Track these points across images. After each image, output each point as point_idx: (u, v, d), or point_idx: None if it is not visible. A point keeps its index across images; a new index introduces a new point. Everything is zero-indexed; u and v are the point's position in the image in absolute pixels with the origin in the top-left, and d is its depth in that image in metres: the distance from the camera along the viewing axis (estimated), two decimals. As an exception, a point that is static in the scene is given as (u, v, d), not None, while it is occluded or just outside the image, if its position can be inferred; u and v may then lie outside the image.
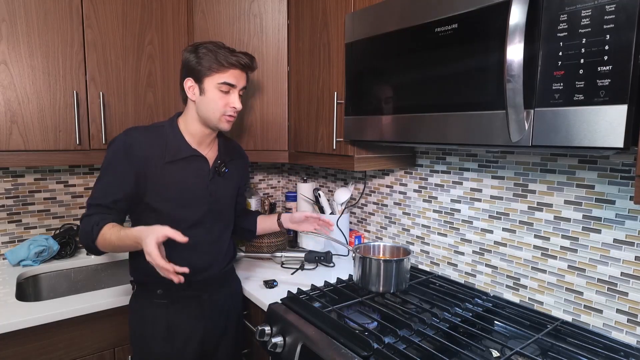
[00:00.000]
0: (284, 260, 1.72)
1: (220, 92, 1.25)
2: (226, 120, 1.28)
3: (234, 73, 1.25)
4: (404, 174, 1.67)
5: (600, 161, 1.10)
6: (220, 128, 1.29)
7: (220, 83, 1.24)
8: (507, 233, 1.32)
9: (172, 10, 1.72)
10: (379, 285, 1.29)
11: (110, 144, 1.23)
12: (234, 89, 1.27)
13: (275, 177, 2.45)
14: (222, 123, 1.28)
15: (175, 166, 1.26)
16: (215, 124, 1.28)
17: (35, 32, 1.45)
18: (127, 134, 1.24)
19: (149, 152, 1.22)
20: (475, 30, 0.94)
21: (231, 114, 1.28)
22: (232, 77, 1.25)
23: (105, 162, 1.22)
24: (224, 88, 1.24)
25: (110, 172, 1.21)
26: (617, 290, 1.09)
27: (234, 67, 1.25)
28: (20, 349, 1.27)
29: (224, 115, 1.27)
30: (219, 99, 1.25)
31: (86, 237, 1.17)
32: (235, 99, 1.27)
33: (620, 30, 0.72)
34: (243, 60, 1.26)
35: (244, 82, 1.30)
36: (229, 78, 1.24)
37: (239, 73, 1.27)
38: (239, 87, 1.28)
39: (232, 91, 1.26)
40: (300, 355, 1.10)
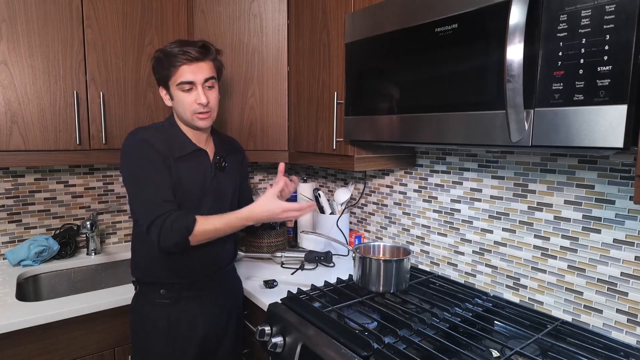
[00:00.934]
0: (284, 260, 1.72)
1: (183, 92, 1.21)
2: (198, 117, 1.24)
3: (185, 69, 1.19)
4: (404, 174, 1.67)
5: (600, 161, 1.10)
6: (199, 127, 1.26)
7: (178, 84, 1.21)
8: (507, 233, 1.32)
9: (172, 10, 1.72)
10: (379, 285, 1.29)
11: (128, 147, 1.20)
12: (194, 85, 1.21)
13: (275, 177, 2.45)
14: (196, 121, 1.24)
15: (183, 162, 1.26)
16: (192, 124, 1.26)
17: (35, 32, 1.45)
18: (138, 134, 1.23)
19: (161, 149, 1.21)
20: (475, 30, 0.94)
21: (201, 110, 1.22)
22: (185, 74, 1.19)
23: (137, 162, 1.18)
24: (184, 87, 1.21)
25: (153, 169, 1.18)
26: (617, 290, 1.09)
27: (182, 63, 1.19)
28: (20, 349, 1.27)
29: (195, 113, 1.23)
30: (184, 98, 1.22)
31: (181, 230, 1.14)
32: (199, 94, 1.21)
33: (620, 30, 0.72)
34: (191, 54, 1.18)
35: (205, 74, 1.22)
36: (182, 76, 1.19)
37: (192, 67, 1.20)
38: (199, 80, 1.21)
39: (193, 88, 1.21)
40: (300, 355, 1.10)
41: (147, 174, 1.18)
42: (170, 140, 1.25)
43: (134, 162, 1.19)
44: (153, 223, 1.15)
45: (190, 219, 1.15)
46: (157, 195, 1.17)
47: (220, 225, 1.18)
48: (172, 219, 1.14)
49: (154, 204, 1.16)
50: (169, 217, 1.14)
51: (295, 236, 2.06)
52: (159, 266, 1.27)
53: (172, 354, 1.29)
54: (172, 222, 1.14)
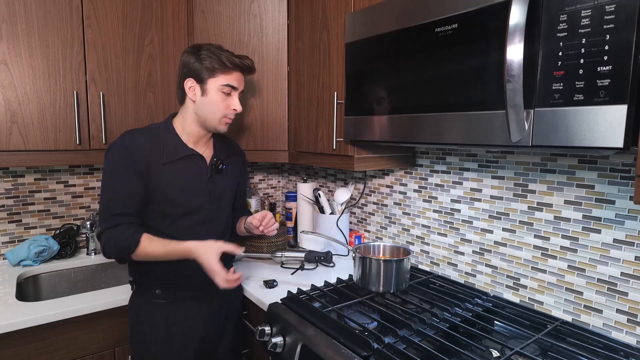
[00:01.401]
0: (284, 260, 1.72)
1: (222, 94, 1.26)
2: (225, 122, 1.30)
3: (236, 75, 1.27)
4: (404, 174, 1.67)
5: (600, 161, 1.10)
6: (218, 130, 1.30)
7: (223, 85, 1.25)
8: (507, 233, 1.32)
9: (172, 10, 1.72)
10: (379, 285, 1.29)
11: (110, 150, 1.22)
12: (235, 91, 1.28)
13: (275, 177, 2.45)
14: (220, 125, 1.29)
15: (174, 166, 1.26)
16: (215, 126, 1.28)
17: (35, 32, 1.45)
18: (124, 138, 1.24)
19: (148, 154, 1.22)
20: (475, 30, 0.94)
21: (231, 116, 1.30)
22: (234, 80, 1.27)
23: (110, 168, 1.21)
24: (226, 90, 1.25)
25: (119, 179, 1.20)
26: (617, 290, 1.09)
27: (238, 69, 1.27)
28: (20, 349, 1.27)
29: (224, 117, 1.28)
30: (221, 100, 1.26)
31: (122, 250, 1.18)
32: (236, 101, 1.29)
33: (620, 30, 0.72)
34: (245, 63, 1.28)
35: (243, 85, 1.32)
36: (232, 80, 1.26)
37: (240, 76, 1.29)
38: (240, 89, 1.30)
39: (233, 93, 1.28)
40: (300, 355, 1.10)
41: (111, 184, 1.21)
42: (161, 145, 1.25)
43: (106, 169, 1.22)
44: (102, 234, 1.20)
45: (134, 241, 1.18)
46: (113, 207, 1.19)
47: (161, 252, 1.20)
48: (117, 235, 1.18)
49: (107, 215, 1.19)
50: (115, 232, 1.18)
51: (295, 236, 2.06)
52: (154, 266, 1.27)
53: (170, 354, 1.29)
54: (116, 238, 1.18)
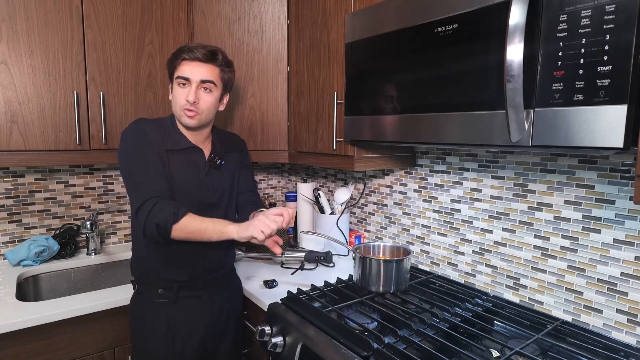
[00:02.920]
0: (284, 260, 1.72)
1: (179, 87, 1.26)
2: (185, 114, 1.25)
3: (186, 66, 1.25)
4: (404, 174, 1.67)
5: (600, 161, 1.10)
6: (184, 123, 1.28)
7: (176, 78, 1.26)
8: (507, 233, 1.32)
9: (172, 10, 1.72)
10: (379, 285, 1.29)
11: (125, 135, 1.25)
12: (189, 82, 1.25)
13: (275, 177, 2.45)
14: (182, 117, 1.26)
15: (175, 156, 1.28)
16: (180, 119, 1.29)
17: (35, 32, 1.45)
18: (136, 123, 1.27)
19: (156, 138, 1.25)
20: (475, 30, 0.94)
21: (187, 107, 1.24)
22: (184, 70, 1.24)
23: (131, 151, 1.23)
24: (180, 81, 1.26)
25: (144, 157, 1.22)
26: (617, 290, 1.09)
27: (184, 60, 1.25)
28: (20, 349, 1.27)
29: (183, 109, 1.25)
30: (178, 94, 1.26)
31: (166, 217, 1.15)
32: (189, 92, 1.24)
33: (620, 30, 0.72)
34: (195, 54, 1.24)
35: (202, 75, 1.25)
36: (182, 72, 1.25)
37: (192, 66, 1.24)
38: (195, 79, 1.24)
39: (188, 84, 1.25)
40: (300, 355, 1.10)
41: (142, 160, 1.21)
42: (167, 135, 1.28)
43: (132, 148, 1.23)
44: (145, 203, 1.16)
45: (182, 210, 1.17)
46: (152, 181, 1.20)
47: (206, 227, 1.18)
48: (165, 202, 1.17)
49: (148, 187, 1.19)
50: (162, 200, 1.18)
51: (295, 236, 2.06)
52: (157, 265, 1.28)
53: (171, 354, 1.29)
54: (163, 205, 1.16)
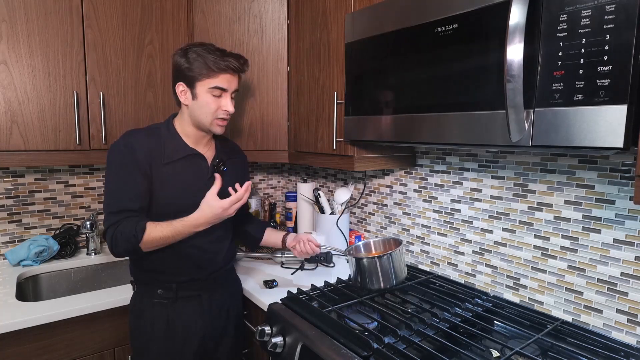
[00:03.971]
0: (284, 260, 1.72)
1: (212, 96, 1.25)
2: (218, 124, 1.28)
3: (225, 77, 1.25)
4: (404, 174, 1.67)
5: (600, 161, 1.10)
6: (212, 131, 1.30)
7: (211, 87, 1.24)
8: (507, 233, 1.32)
9: (172, 10, 1.72)
10: (380, 282, 1.28)
11: (112, 150, 1.23)
12: (225, 93, 1.26)
13: (275, 177, 2.45)
14: (214, 127, 1.28)
15: (174, 167, 1.26)
16: (208, 127, 1.28)
17: (35, 32, 1.45)
18: (126, 138, 1.24)
19: (149, 154, 1.23)
20: (475, 30, 0.94)
21: (223, 117, 1.28)
22: (223, 81, 1.25)
23: (113, 168, 1.22)
24: (215, 92, 1.25)
25: (122, 177, 1.21)
26: (617, 290, 1.09)
27: (225, 71, 1.24)
28: (20, 349, 1.27)
29: (216, 119, 1.27)
30: (212, 102, 1.25)
31: (129, 239, 1.17)
32: (227, 102, 1.27)
33: (620, 30, 0.72)
34: (233, 64, 1.25)
35: (235, 85, 1.29)
36: (220, 82, 1.24)
37: (230, 77, 1.26)
38: (231, 90, 1.28)
39: (223, 95, 1.26)
40: (300, 355, 1.10)
41: (115, 182, 1.21)
42: (162, 145, 1.26)
43: (109, 169, 1.23)
44: (107, 230, 1.20)
45: (139, 227, 1.17)
46: (117, 204, 1.20)
47: (169, 233, 1.20)
48: (122, 227, 1.17)
49: (112, 212, 1.20)
50: (120, 224, 1.18)
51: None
52: (155, 266, 1.28)
53: (171, 354, 1.29)
54: (121, 231, 1.17)
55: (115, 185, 1.21)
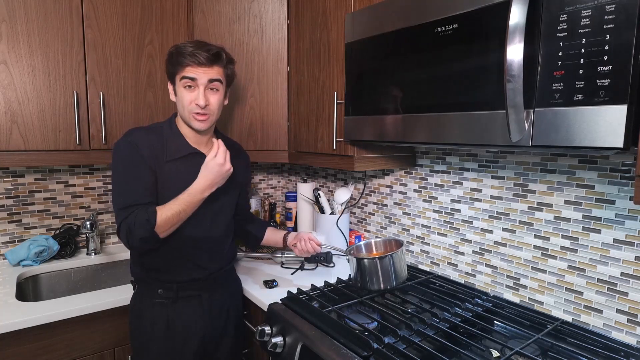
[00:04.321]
0: (284, 260, 1.72)
1: (184, 89, 1.22)
2: (195, 118, 1.23)
3: (191, 68, 1.20)
4: (404, 174, 1.67)
5: (600, 161, 1.10)
6: (194, 127, 1.26)
7: (182, 79, 1.22)
8: (507, 233, 1.32)
9: (172, 10, 1.72)
10: (380, 283, 1.28)
11: (117, 148, 1.23)
12: (195, 83, 1.21)
13: (275, 177, 2.45)
14: (192, 121, 1.24)
15: (176, 165, 1.26)
16: (189, 122, 1.26)
17: (35, 32, 1.45)
18: (128, 135, 1.25)
19: (152, 151, 1.23)
20: (475, 30, 0.94)
21: (197, 111, 1.22)
22: (191, 72, 1.20)
23: (119, 165, 1.22)
24: (186, 83, 1.22)
25: (130, 173, 1.21)
26: (617, 290, 1.09)
27: (190, 60, 1.20)
28: (20, 349, 1.27)
29: (192, 113, 1.23)
30: (184, 96, 1.22)
31: (143, 226, 1.15)
32: (198, 94, 1.21)
33: (620, 30, 0.72)
34: (199, 58, 1.19)
35: (209, 76, 1.22)
36: (188, 72, 1.20)
37: (197, 67, 1.21)
38: (202, 81, 1.21)
39: (195, 86, 1.22)
40: (300, 355, 1.10)
41: (123, 178, 1.21)
42: (164, 143, 1.26)
43: (116, 165, 1.22)
44: (120, 225, 1.19)
45: (150, 211, 1.17)
46: (128, 199, 1.19)
47: (179, 207, 1.19)
48: (133, 217, 1.17)
49: (123, 208, 1.19)
50: (132, 214, 1.17)
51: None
52: (156, 266, 1.28)
53: (171, 354, 1.29)
54: (134, 219, 1.16)
55: (123, 182, 1.21)
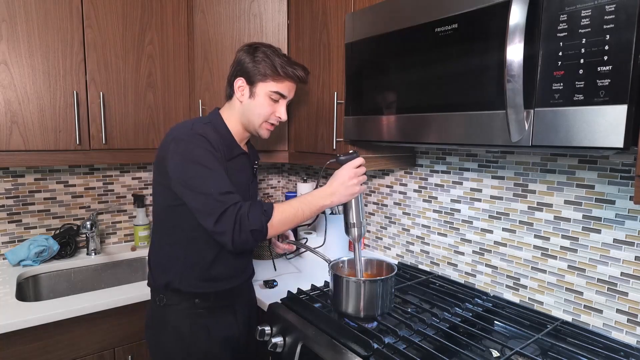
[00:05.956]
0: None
1: (270, 100, 1.21)
2: (266, 128, 1.24)
3: (288, 84, 1.23)
4: (404, 174, 1.67)
5: (600, 161, 1.10)
6: (258, 134, 1.25)
7: (272, 91, 1.20)
8: (507, 233, 1.32)
9: (172, 10, 1.72)
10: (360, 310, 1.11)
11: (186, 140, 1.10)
12: (283, 99, 1.24)
13: (275, 177, 2.45)
14: (262, 130, 1.24)
15: (233, 164, 1.20)
16: (256, 130, 1.24)
17: (35, 32, 1.45)
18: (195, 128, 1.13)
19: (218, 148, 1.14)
20: (475, 30, 0.94)
21: (274, 122, 1.25)
22: (285, 88, 1.22)
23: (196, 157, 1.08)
24: (274, 96, 1.21)
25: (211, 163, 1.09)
26: (617, 290, 1.09)
27: (290, 78, 1.22)
28: (20, 349, 1.27)
29: (267, 122, 1.23)
30: (268, 106, 1.21)
31: (259, 219, 1.04)
32: (282, 109, 1.24)
33: (620, 30, 0.72)
34: (299, 73, 1.23)
35: (293, 94, 1.27)
36: (282, 88, 1.21)
37: (292, 84, 1.24)
38: (289, 98, 1.26)
39: (281, 101, 1.23)
40: (300, 355, 1.10)
41: (210, 166, 1.08)
42: (222, 140, 1.19)
43: (195, 152, 1.09)
44: (224, 213, 1.03)
45: (268, 204, 1.08)
46: (223, 186, 1.07)
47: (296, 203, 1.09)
48: (247, 206, 1.05)
49: (223, 194, 1.05)
50: (243, 205, 1.05)
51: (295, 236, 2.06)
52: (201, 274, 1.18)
53: None
54: (247, 209, 1.04)
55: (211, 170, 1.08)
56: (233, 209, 1.03)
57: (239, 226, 1.02)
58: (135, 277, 1.88)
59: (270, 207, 1.08)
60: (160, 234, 1.21)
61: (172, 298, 1.19)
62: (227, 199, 1.05)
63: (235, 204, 1.05)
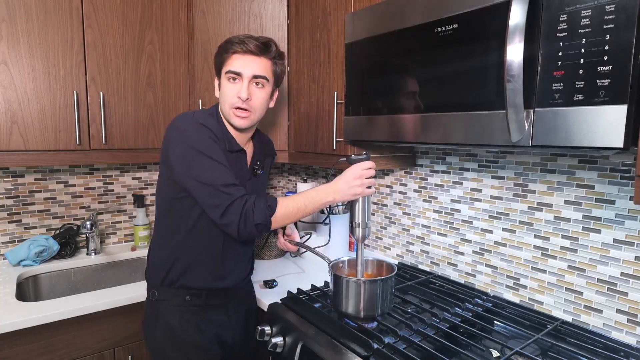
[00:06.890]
0: None
1: (228, 82, 1.16)
2: (235, 114, 1.16)
3: (237, 59, 1.15)
4: (404, 174, 1.67)
5: (600, 161, 1.10)
6: (233, 124, 1.19)
7: (226, 72, 1.16)
8: (507, 233, 1.32)
9: (172, 10, 1.72)
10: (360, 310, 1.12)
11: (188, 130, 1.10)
12: (240, 77, 1.15)
13: (275, 177, 2.45)
14: (232, 117, 1.17)
15: (230, 158, 1.17)
16: (229, 119, 1.19)
17: (35, 32, 1.45)
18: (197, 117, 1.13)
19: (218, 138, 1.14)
20: (476, 31, 0.94)
21: (240, 105, 1.15)
22: (235, 65, 1.15)
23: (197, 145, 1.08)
24: (231, 76, 1.16)
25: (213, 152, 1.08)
26: (617, 290, 1.09)
27: (237, 52, 1.15)
28: (20, 349, 1.27)
29: (233, 108, 1.16)
30: (227, 89, 1.16)
31: (263, 212, 1.06)
32: (241, 87, 1.15)
33: (620, 30, 0.72)
34: (248, 45, 1.14)
35: (256, 70, 1.16)
36: (232, 65, 1.15)
37: (245, 59, 1.15)
38: (247, 74, 1.15)
39: (239, 79, 1.16)
40: (300, 355, 1.10)
41: (214, 156, 1.08)
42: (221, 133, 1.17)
43: (197, 141, 1.08)
44: (231, 206, 1.05)
45: (272, 199, 1.10)
46: (229, 177, 1.08)
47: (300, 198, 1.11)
48: (252, 200, 1.07)
49: (229, 186, 1.06)
50: (250, 198, 1.07)
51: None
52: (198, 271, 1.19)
53: None
54: (253, 202, 1.06)
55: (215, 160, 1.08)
56: (239, 203, 1.06)
57: (244, 220, 1.06)
58: (135, 277, 1.88)
59: (275, 202, 1.10)
60: (161, 229, 1.23)
61: (164, 294, 1.21)
62: (233, 192, 1.07)
63: (242, 197, 1.07)
